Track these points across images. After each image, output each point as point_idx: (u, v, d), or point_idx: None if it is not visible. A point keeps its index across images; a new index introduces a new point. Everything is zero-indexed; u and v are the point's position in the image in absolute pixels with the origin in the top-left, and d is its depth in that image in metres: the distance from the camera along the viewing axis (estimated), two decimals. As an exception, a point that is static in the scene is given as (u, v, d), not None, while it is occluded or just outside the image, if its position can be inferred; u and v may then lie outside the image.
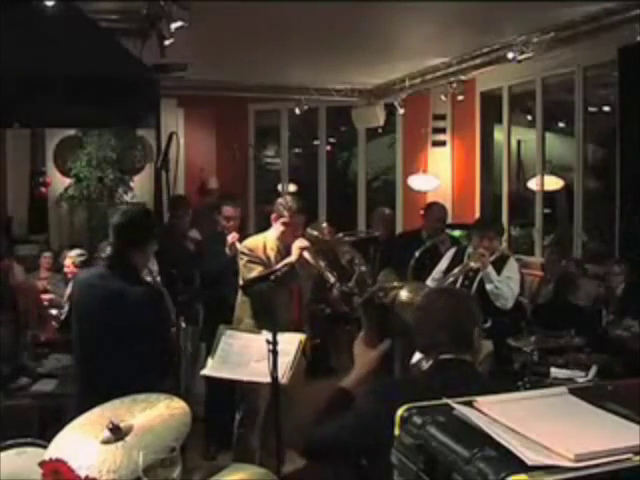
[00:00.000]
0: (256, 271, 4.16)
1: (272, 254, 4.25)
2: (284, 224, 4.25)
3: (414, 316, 2.34)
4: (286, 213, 4.24)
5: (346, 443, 2.08)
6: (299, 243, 4.21)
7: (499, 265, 4.68)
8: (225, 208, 5.34)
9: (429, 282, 4.87)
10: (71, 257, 5.97)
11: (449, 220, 8.09)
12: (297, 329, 4.05)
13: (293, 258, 4.16)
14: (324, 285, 4.64)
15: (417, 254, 5.34)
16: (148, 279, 4.50)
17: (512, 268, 4.77)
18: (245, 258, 4.25)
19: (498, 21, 5.82)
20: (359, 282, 6.02)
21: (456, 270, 4.68)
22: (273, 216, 4.34)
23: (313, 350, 4.16)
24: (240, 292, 4.43)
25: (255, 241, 4.34)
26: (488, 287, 4.54)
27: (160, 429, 2.16)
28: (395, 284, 5.12)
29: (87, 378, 3.15)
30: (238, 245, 4.54)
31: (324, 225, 6.73)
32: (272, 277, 4.08)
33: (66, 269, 5.97)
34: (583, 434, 1.40)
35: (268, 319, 3.96)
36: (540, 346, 4.59)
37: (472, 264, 4.66)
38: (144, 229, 3.17)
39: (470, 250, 4.78)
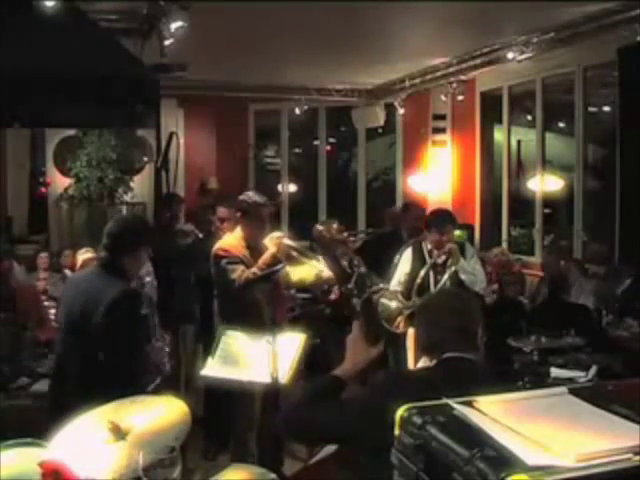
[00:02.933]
0: (239, 270, 4.09)
1: (246, 252, 4.19)
2: (251, 219, 4.21)
3: (419, 316, 2.35)
4: (251, 208, 4.20)
5: (346, 435, 2.08)
6: (275, 234, 4.21)
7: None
8: (219, 209, 5.32)
9: (395, 285, 4.88)
10: (83, 256, 5.96)
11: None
12: (280, 324, 4.03)
13: (274, 249, 4.13)
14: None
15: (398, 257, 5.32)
16: (147, 279, 4.48)
17: (470, 255, 4.92)
18: (224, 260, 4.16)
19: (498, 21, 5.82)
20: (358, 283, 6.02)
21: (423, 270, 4.70)
22: (239, 214, 4.28)
23: (313, 350, 4.15)
24: (217, 301, 4.38)
25: (228, 242, 4.27)
26: (464, 277, 4.64)
27: (160, 429, 2.16)
28: (381, 285, 5.13)
29: (58, 376, 3.18)
30: (214, 248, 4.44)
31: (335, 225, 6.73)
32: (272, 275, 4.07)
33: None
34: (583, 434, 1.40)
35: (259, 318, 3.94)
36: (540, 346, 4.59)
37: (438, 260, 4.71)
38: (135, 236, 3.21)
39: (429, 246, 4.79)
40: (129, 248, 3.16)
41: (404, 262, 4.94)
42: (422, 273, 4.69)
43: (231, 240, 4.29)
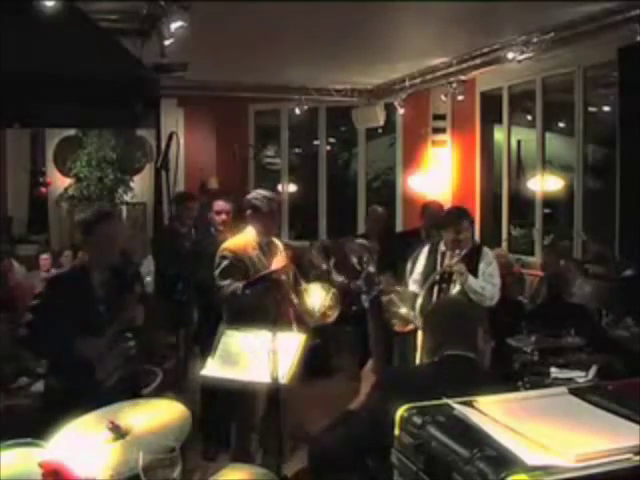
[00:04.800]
0: (229, 281, 4.08)
1: (254, 253, 4.17)
2: (263, 214, 4.19)
3: (426, 322, 2.57)
4: (262, 204, 4.18)
5: (359, 437, 2.15)
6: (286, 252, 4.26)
7: (474, 259, 4.57)
8: (217, 202, 5.31)
9: (411, 284, 4.83)
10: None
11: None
12: (286, 325, 4.03)
13: (286, 262, 4.15)
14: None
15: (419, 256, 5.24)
16: (148, 279, 4.46)
17: (488, 260, 4.65)
18: (224, 262, 4.11)
19: (498, 21, 5.82)
20: (367, 280, 6.03)
21: (428, 282, 4.59)
22: (249, 212, 4.24)
23: (313, 350, 4.14)
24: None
25: (236, 242, 4.23)
26: (472, 296, 4.42)
27: (160, 429, 2.17)
28: (397, 288, 5.12)
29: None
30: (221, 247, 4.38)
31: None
32: (273, 276, 4.05)
33: None
34: (583, 434, 1.40)
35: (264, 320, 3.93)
36: (540, 346, 4.58)
37: (447, 269, 4.55)
38: (86, 228, 3.24)
39: (443, 248, 4.66)
40: (81, 238, 3.24)
41: (420, 260, 4.83)
42: (426, 286, 4.54)
43: (240, 240, 4.25)
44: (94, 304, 3.16)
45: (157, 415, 2.26)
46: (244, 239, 4.23)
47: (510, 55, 6.36)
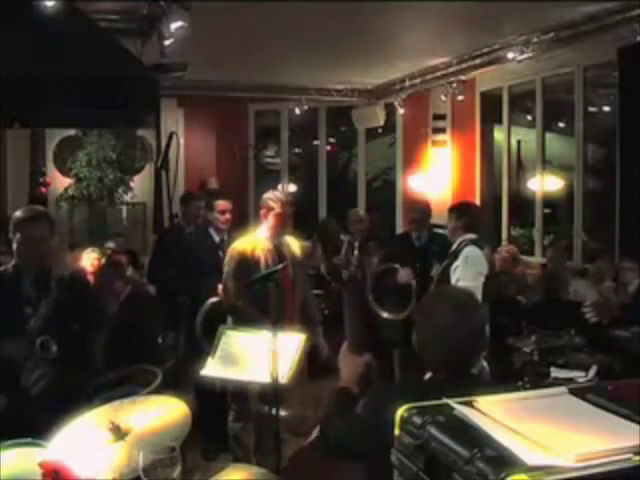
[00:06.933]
0: (228, 284, 4.16)
1: (262, 254, 4.18)
2: (276, 216, 4.22)
3: (417, 326, 2.16)
4: (277, 204, 4.22)
5: (359, 446, 2.11)
6: None
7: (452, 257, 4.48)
8: (218, 202, 5.33)
9: None
10: (89, 255, 5.97)
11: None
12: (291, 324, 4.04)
13: (287, 262, 4.17)
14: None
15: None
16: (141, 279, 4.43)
17: (460, 261, 4.39)
18: (232, 264, 4.18)
19: (498, 21, 5.82)
20: (347, 252, 6.05)
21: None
22: (262, 212, 4.28)
23: (313, 350, 4.14)
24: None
25: (247, 242, 4.26)
26: None
27: (160, 429, 2.17)
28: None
29: None
30: (231, 245, 4.44)
31: None
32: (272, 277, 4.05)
33: (90, 268, 5.89)
34: (583, 434, 1.40)
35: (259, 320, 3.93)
36: (540, 346, 4.58)
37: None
38: (13, 228, 3.15)
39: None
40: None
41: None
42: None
43: (249, 240, 4.26)
44: (21, 305, 3.04)
45: (157, 415, 2.26)
46: (254, 239, 4.25)
47: (510, 55, 6.36)
